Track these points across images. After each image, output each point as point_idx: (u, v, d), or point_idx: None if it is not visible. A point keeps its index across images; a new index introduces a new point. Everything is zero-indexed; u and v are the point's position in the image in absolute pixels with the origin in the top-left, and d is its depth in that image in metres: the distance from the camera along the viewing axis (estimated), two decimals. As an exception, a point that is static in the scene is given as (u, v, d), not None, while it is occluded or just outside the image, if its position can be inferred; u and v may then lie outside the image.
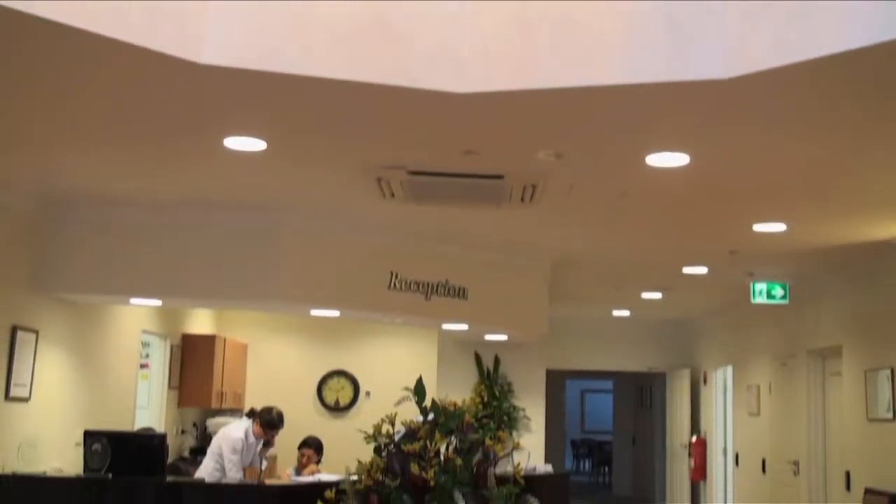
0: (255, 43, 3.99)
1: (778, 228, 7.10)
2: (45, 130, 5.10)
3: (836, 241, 7.60)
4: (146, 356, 9.70)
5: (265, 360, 12.30)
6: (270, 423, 7.83)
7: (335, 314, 8.71)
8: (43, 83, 4.32)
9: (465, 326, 9.44)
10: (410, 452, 4.83)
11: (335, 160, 5.64)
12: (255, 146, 5.23)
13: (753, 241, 7.56)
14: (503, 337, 11.13)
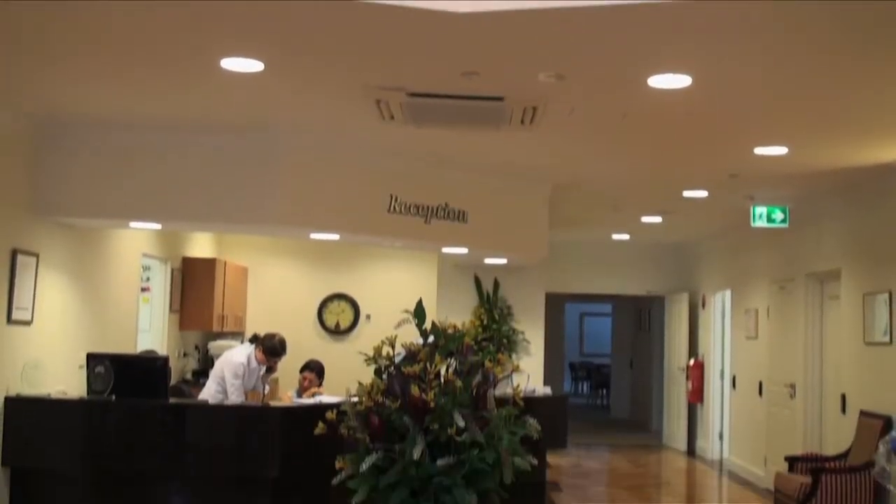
0: (251, -39, 3.93)
1: (779, 151, 7.06)
2: (43, 46, 5.03)
3: (837, 164, 7.57)
4: (147, 280, 9.73)
5: (266, 283, 12.35)
6: (272, 349, 7.86)
7: (335, 238, 8.70)
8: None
9: (464, 250, 9.44)
10: (410, 374, 4.86)
11: (334, 82, 5.58)
12: (252, 67, 5.17)
13: (754, 164, 7.52)
14: (503, 260, 11.15)
